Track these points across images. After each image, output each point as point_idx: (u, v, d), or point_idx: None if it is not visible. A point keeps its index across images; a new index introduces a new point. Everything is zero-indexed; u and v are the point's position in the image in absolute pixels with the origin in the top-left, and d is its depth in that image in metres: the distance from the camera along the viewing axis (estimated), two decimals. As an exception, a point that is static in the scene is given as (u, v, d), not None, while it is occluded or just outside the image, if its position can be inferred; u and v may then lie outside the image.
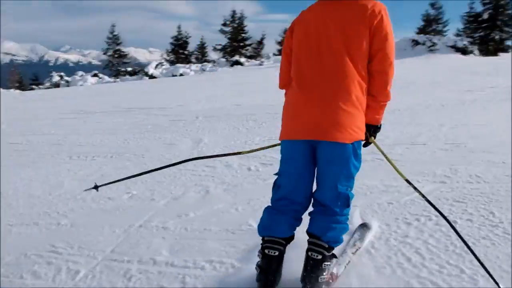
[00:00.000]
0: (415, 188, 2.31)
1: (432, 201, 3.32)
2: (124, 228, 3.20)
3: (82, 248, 2.94)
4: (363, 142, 2.17)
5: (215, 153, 5.08)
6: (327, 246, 2.07)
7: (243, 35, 39.25)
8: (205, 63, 33.41)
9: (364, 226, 2.82)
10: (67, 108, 10.17)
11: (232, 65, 31.85)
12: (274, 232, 2.14)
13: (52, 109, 10.35)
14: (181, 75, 26.36)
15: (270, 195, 2.27)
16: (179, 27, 39.75)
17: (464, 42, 28.20)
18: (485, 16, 31.41)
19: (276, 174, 2.23)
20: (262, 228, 2.20)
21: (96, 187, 2.82)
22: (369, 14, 1.88)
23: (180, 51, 39.54)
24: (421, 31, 33.43)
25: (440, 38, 29.24)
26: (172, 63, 35.02)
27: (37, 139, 6.50)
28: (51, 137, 6.63)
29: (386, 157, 2.29)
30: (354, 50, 1.90)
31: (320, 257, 2.06)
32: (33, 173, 4.78)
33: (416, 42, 28.17)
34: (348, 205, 2.10)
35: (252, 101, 9.23)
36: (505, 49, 31.03)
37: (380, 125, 2.23)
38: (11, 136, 6.98)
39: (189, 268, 2.58)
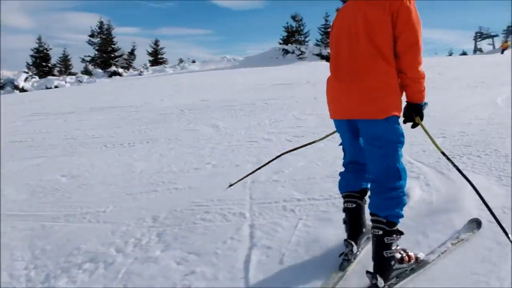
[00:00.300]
0: (448, 159, 2.34)
1: (449, 147, 4.43)
2: (240, 185, 3.66)
3: (221, 200, 3.38)
4: (411, 124, 2.19)
5: (241, 135, 5.65)
6: (385, 221, 2.09)
7: (112, 46, 38.67)
8: (80, 75, 32.29)
9: (473, 222, 2.66)
10: (21, 113, 9.50)
11: (110, 76, 31.40)
12: (348, 188, 2.41)
13: (4, 114, 9.56)
14: (55, 87, 25.20)
15: (326, 155, 2.86)
16: (39, 39, 38.05)
17: (328, 50, 31.64)
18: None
19: (340, 144, 2.51)
20: (340, 187, 2.48)
21: (231, 185, 3.21)
22: (389, 3, 1.99)
23: (43, 64, 37.62)
24: (285, 41, 35.54)
25: (307, 47, 32.11)
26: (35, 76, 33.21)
27: (41, 137, 6.25)
28: (51, 134, 6.41)
29: (430, 137, 2.29)
30: (379, 37, 2.02)
31: (380, 232, 2.08)
32: (84, 160, 4.81)
33: (286, 51, 30.47)
34: (399, 178, 2.10)
35: (213, 97, 9.74)
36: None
37: (424, 103, 2.18)
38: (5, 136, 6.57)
39: (333, 199, 3.22)
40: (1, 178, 4.37)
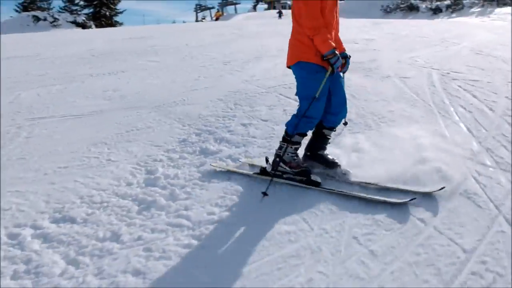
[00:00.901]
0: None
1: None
2: (247, 81, 5.60)
3: (245, 89, 5.27)
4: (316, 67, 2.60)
5: (185, 67, 7.27)
6: (285, 130, 2.80)
7: None
8: None
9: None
10: None
11: None
12: None
13: None
14: None
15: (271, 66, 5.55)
16: None
17: (82, 18, 29.98)
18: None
19: None
20: None
21: None
22: None
23: None
24: (25, 8, 32.57)
25: (60, 15, 29.93)
26: None
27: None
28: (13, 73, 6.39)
29: (327, 76, 2.63)
30: (295, 10, 2.67)
31: (281, 138, 2.82)
32: (99, 84, 5.65)
33: (37, 18, 27.19)
34: (302, 106, 2.68)
35: (94, 48, 10.00)
36: (114, 24, 33.84)
37: (330, 52, 2.54)
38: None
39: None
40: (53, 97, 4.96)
